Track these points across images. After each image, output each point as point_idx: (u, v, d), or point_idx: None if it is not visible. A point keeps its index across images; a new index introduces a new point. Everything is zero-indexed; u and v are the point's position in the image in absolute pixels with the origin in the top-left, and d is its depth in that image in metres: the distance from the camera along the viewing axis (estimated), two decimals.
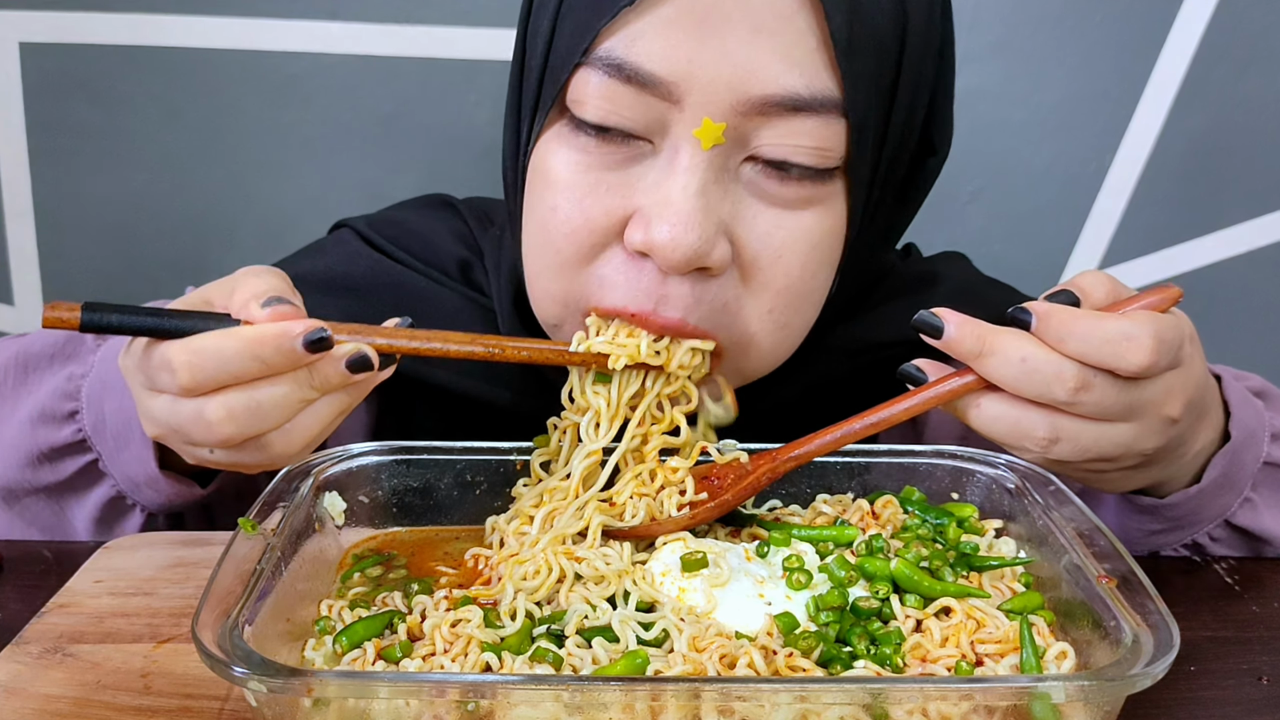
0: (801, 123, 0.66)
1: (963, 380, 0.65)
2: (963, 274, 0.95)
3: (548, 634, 0.59)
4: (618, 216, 0.70)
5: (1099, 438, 0.64)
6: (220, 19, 1.31)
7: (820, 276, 0.73)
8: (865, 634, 0.59)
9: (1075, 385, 0.62)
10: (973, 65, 1.33)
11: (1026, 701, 0.51)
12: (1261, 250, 1.42)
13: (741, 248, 0.70)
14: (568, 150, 0.71)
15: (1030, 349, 0.62)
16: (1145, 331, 0.61)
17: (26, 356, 0.82)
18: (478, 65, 1.33)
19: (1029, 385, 0.63)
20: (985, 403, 0.65)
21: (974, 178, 1.40)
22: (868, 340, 0.85)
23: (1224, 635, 0.71)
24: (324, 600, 0.65)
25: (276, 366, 0.61)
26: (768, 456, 0.70)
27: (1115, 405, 0.63)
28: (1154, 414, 0.65)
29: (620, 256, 0.70)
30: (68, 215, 1.38)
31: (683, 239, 0.66)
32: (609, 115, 0.68)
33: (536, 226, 0.73)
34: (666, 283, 0.69)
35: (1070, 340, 0.62)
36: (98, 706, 0.60)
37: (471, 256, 0.92)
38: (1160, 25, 1.33)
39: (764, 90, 0.65)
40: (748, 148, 0.68)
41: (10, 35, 1.31)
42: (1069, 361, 0.62)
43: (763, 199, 0.69)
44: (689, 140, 0.67)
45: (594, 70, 0.67)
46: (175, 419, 0.62)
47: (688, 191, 0.66)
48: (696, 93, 0.65)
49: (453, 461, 0.74)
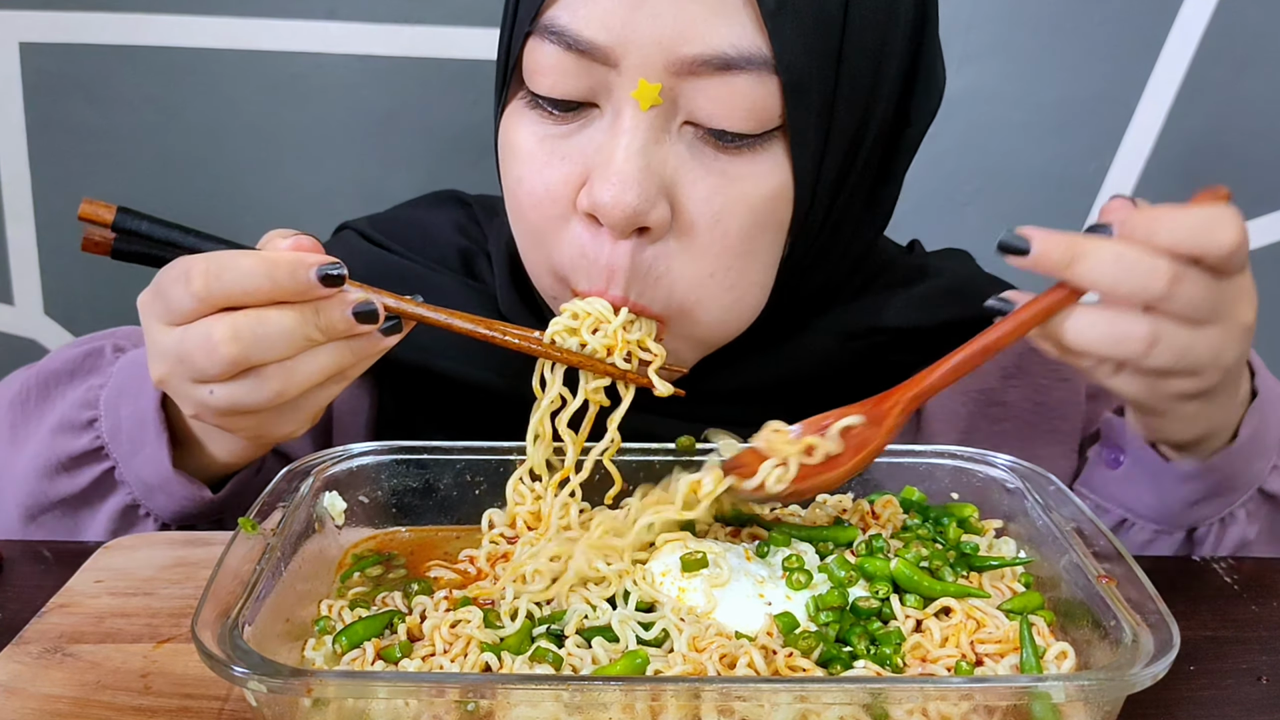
0: (734, 80, 0.68)
1: (1055, 297, 0.64)
2: (964, 269, 0.96)
3: (548, 634, 0.59)
4: (574, 184, 0.72)
5: (1193, 340, 0.63)
6: (220, 19, 1.31)
7: (764, 239, 0.74)
8: (865, 634, 0.59)
9: (1171, 276, 0.61)
10: (972, 65, 1.33)
11: (1026, 701, 0.51)
12: (1261, 250, 1.42)
13: (680, 211, 0.71)
14: (527, 123, 0.74)
15: (1122, 248, 0.61)
16: (1228, 213, 0.62)
17: (46, 375, 0.84)
18: (478, 65, 1.33)
19: (1127, 281, 0.61)
20: (1076, 315, 0.64)
21: (973, 178, 1.40)
22: (863, 325, 0.85)
23: (1223, 635, 0.71)
24: (324, 600, 0.65)
25: (287, 291, 0.63)
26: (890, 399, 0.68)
27: (1205, 300, 0.62)
28: (1234, 318, 0.64)
29: (580, 227, 0.73)
30: (68, 215, 1.37)
31: (622, 197, 0.68)
32: (556, 84, 0.70)
33: (510, 200, 0.77)
34: (614, 252, 0.71)
35: (1161, 232, 0.61)
36: (98, 706, 0.60)
37: (473, 247, 0.93)
38: (1160, 25, 1.33)
39: (693, 50, 0.67)
40: (684, 110, 0.70)
41: (10, 35, 1.31)
42: (1161, 255, 0.61)
43: (702, 163, 0.71)
44: (629, 102, 0.69)
45: (542, 40, 0.70)
46: (182, 346, 0.64)
47: (629, 151, 0.69)
48: (632, 55, 0.68)
49: (453, 461, 0.74)
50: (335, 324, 0.65)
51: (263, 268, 0.63)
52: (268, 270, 0.63)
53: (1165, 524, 0.82)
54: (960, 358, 0.67)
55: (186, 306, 0.64)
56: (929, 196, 1.40)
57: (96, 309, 1.42)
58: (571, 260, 0.74)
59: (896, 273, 0.91)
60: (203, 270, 0.63)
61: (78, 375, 0.83)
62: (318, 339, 0.65)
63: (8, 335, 1.43)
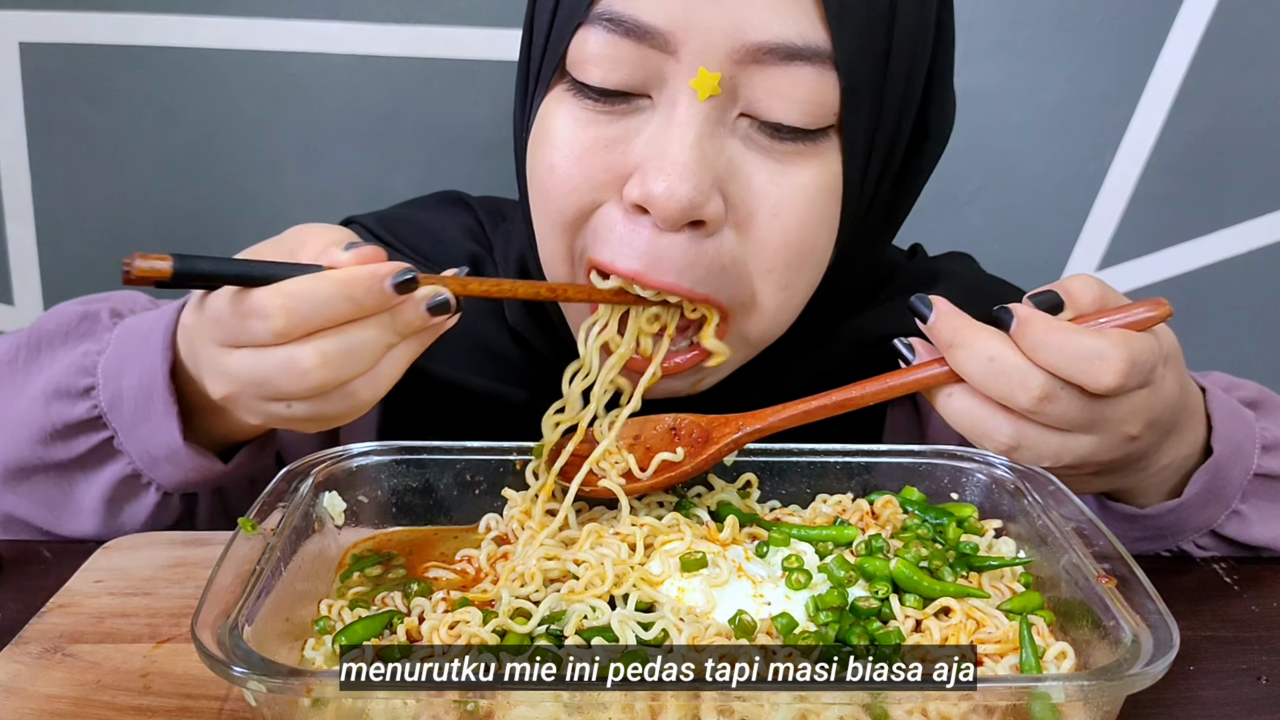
0: (796, 72, 0.67)
1: (941, 369, 0.66)
2: (968, 272, 0.96)
3: (548, 634, 0.59)
4: (617, 173, 0.70)
5: (1059, 448, 0.65)
6: (220, 19, 1.31)
7: (820, 236, 0.73)
8: (865, 634, 0.59)
9: (1040, 395, 0.62)
10: (973, 65, 1.33)
11: (1026, 701, 0.51)
12: (1261, 250, 1.42)
13: (737, 204, 0.70)
14: (568, 110, 0.72)
15: (1001, 350, 0.63)
16: (1119, 354, 0.62)
17: (39, 335, 0.82)
18: (478, 65, 1.33)
19: (993, 385, 0.64)
20: (957, 394, 0.66)
21: (974, 178, 1.40)
22: (872, 334, 0.85)
23: (1223, 635, 0.71)
24: (323, 600, 0.65)
25: (368, 308, 0.62)
26: (733, 424, 0.71)
27: (1078, 419, 0.64)
28: (1114, 431, 0.65)
29: (615, 213, 0.71)
30: (68, 215, 1.38)
31: (678, 190, 0.67)
32: (609, 74, 0.69)
33: (538, 189, 0.74)
34: (660, 242, 0.69)
35: (1043, 350, 0.62)
36: (97, 706, 0.60)
37: (482, 251, 0.93)
38: (1160, 25, 1.33)
39: (758, 37, 0.66)
40: (743, 101, 0.69)
41: (10, 35, 1.31)
42: (1037, 370, 0.62)
43: (759, 155, 0.70)
44: (686, 92, 0.68)
45: (594, 28, 0.68)
46: (261, 370, 0.63)
47: (684, 143, 0.67)
48: (693, 42, 0.66)
49: (452, 461, 0.74)
50: (411, 323, 0.64)
51: (342, 290, 0.61)
52: (347, 293, 0.61)
53: None
54: (815, 405, 0.70)
55: (265, 340, 0.62)
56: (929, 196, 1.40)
57: None
58: (596, 233, 0.72)
59: (905, 279, 0.91)
60: (281, 306, 0.61)
61: (71, 338, 0.81)
62: (395, 341, 0.64)
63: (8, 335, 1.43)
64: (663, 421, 0.73)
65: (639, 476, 0.70)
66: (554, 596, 0.61)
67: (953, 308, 0.66)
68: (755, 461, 0.74)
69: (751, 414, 0.71)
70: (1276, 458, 0.79)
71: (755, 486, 0.74)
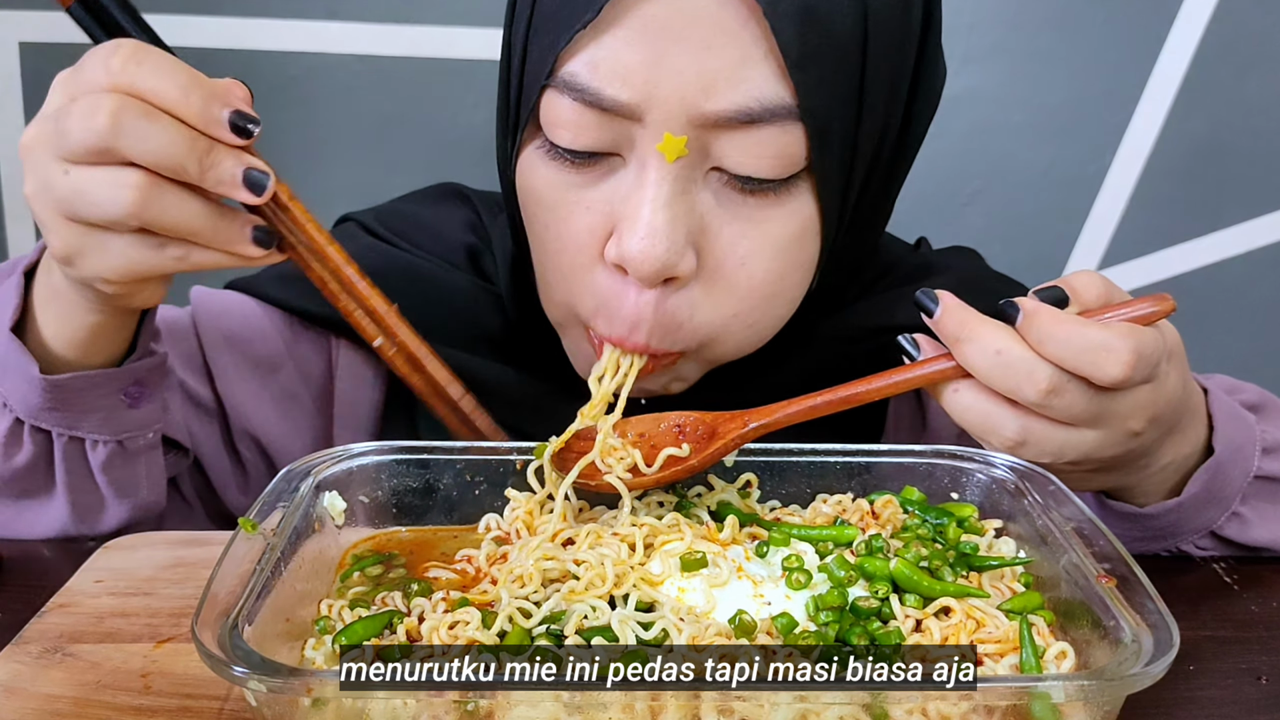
0: (759, 133, 0.67)
1: (947, 364, 0.66)
2: (968, 266, 0.96)
3: (547, 634, 0.59)
4: (599, 234, 0.72)
5: (1064, 443, 0.65)
6: (220, 19, 1.31)
7: (790, 278, 0.74)
8: (865, 634, 0.59)
9: (1047, 388, 0.62)
10: (973, 66, 1.33)
11: (1026, 701, 0.51)
12: (1261, 250, 1.42)
13: (706, 256, 0.72)
14: (546, 170, 0.73)
15: (1008, 343, 0.63)
16: (1126, 345, 0.62)
17: None
18: (477, 65, 1.33)
19: (1000, 379, 0.64)
20: (963, 389, 0.66)
21: (973, 178, 1.40)
22: (868, 326, 0.86)
23: (1223, 635, 0.71)
24: (324, 600, 0.65)
25: (193, 111, 0.61)
26: (739, 420, 0.71)
27: (1084, 412, 0.64)
28: (1118, 425, 0.65)
29: (605, 275, 0.73)
30: None
31: (651, 251, 0.68)
32: (577, 139, 0.69)
33: (535, 241, 0.77)
34: (639, 301, 0.71)
35: (1050, 342, 0.62)
36: (98, 706, 0.60)
37: (479, 244, 0.93)
38: (1160, 26, 1.33)
39: (716, 106, 0.66)
40: (712, 157, 0.69)
41: (10, 35, 1.31)
42: (1044, 363, 0.62)
43: (729, 208, 0.71)
44: (654, 154, 0.68)
45: (560, 94, 0.69)
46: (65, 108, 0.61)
47: (656, 204, 0.68)
48: (656, 110, 0.67)
49: (453, 461, 0.74)
50: (221, 168, 0.62)
51: (181, 77, 0.60)
52: (186, 82, 0.60)
53: None
54: (821, 401, 0.69)
55: (95, 80, 0.61)
56: (930, 197, 1.40)
57: None
58: (594, 308, 0.74)
59: (902, 272, 0.91)
60: (129, 50, 0.60)
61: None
62: (192, 174, 0.62)
63: None
64: (667, 420, 0.73)
65: (645, 471, 0.70)
66: (555, 597, 0.61)
67: (959, 302, 0.66)
68: (755, 461, 0.74)
69: (757, 410, 0.71)
70: (1277, 460, 0.79)
71: (755, 486, 0.74)
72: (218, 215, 0.64)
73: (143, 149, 0.60)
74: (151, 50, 0.62)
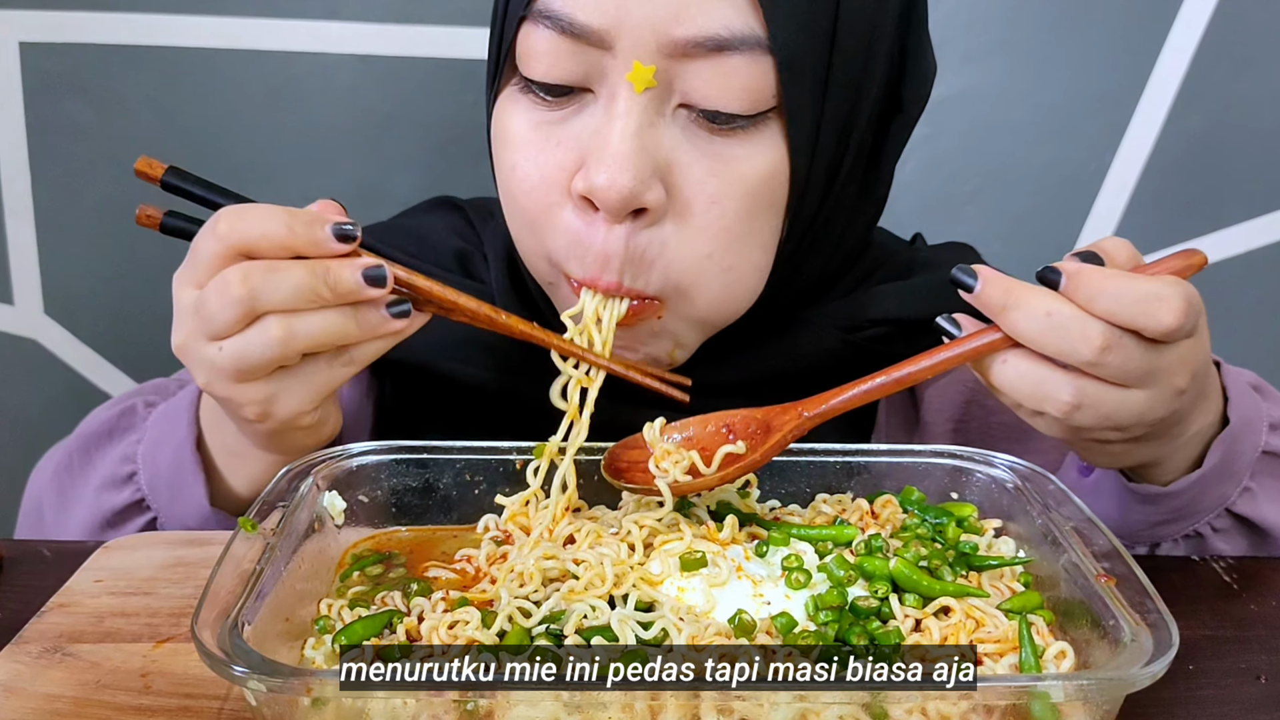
0: (727, 62, 0.68)
1: (991, 337, 0.65)
2: (964, 260, 0.96)
3: (547, 634, 0.59)
4: (569, 169, 0.72)
5: (1119, 404, 0.64)
6: (219, 19, 1.31)
7: (761, 220, 0.74)
8: (865, 634, 0.59)
9: (1101, 344, 0.61)
10: (972, 65, 1.33)
11: (1026, 701, 0.51)
12: (1261, 250, 1.42)
13: (676, 194, 0.72)
14: (520, 109, 0.74)
15: (1057, 305, 0.62)
16: (1176, 292, 0.61)
17: (86, 439, 0.85)
18: (477, 65, 1.32)
19: (1053, 341, 0.62)
20: (1011, 360, 0.64)
21: (973, 178, 1.40)
22: (860, 318, 0.86)
23: (1223, 634, 0.71)
24: (323, 600, 0.65)
25: (302, 241, 0.65)
26: (792, 412, 0.70)
27: (1137, 369, 0.62)
28: (1166, 383, 0.64)
29: (573, 214, 0.73)
30: (67, 215, 1.38)
31: (617, 180, 0.69)
32: (550, 70, 0.71)
33: (503, 188, 0.77)
34: (608, 238, 0.71)
35: (1101, 298, 0.61)
36: (98, 706, 0.60)
37: (469, 248, 0.94)
38: (1160, 25, 1.33)
39: (685, 32, 0.68)
40: (679, 92, 0.70)
41: (10, 35, 1.31)
42: (1096, 320, 0.61)
43: (697, 145, 0.72)
44: (624, 85, 0.69)
45: (536, 25, 0.70)
46: (201, 297, 0.65)
47: (624, 134, 0.69)
48: (626, 37, 0.68)
49: (452, 461, 0.74)
50: (344, 281, 0.65)
51: (281, 216, 0.65)
52: (285, 219, 0.64)
53: (1127, 538, 0.81)
54: (873, 385, 0.68)
55: (211, 251, 0.65)
56: (929, 196, 1.40)
57: (96, 309, 1.42)
58: (565, 248, 0.74)
59: (894, 265, 0.92)
60: (228, 214, 0.65)
61: (115, 434, 0.84)
62: (326, 296, 0.65)
63: (8, 335, 1.43)
64: (713, 421, 0.72)
65: (704, 472, 0.69)
66: (555, 597, 0.61)
67: (998, 273, 0.65)
68: None
69: (808, 400, 0.70)
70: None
71: (755, 486, 0.74)
72: (353, 312, 0.67)
73: (280, 298, 0.64)
74: (244, 206, 0.67)
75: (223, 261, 0.65)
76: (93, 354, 1.44)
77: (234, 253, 0.65)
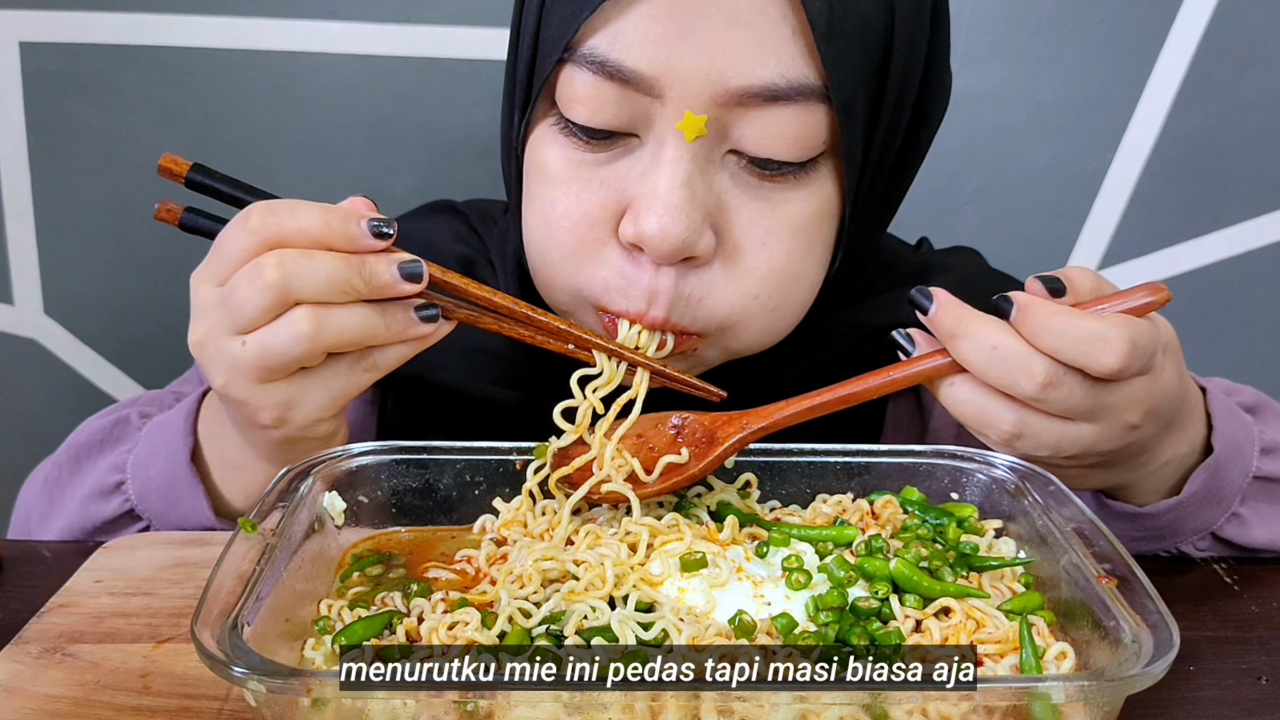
0: (780, 112, 0.67)
1: (942, 360, 0.66)
2: (969, 265, 0.96)
3: (547, 634, 0.59)
4: (612, 210, 0.71)
5: (1061, 437, 0.65)
6: (219, 19, 1.31)
7: (810, 259, 0.74)
8: (865, 634, 0.59)
9: (1043, 380, 0.62)
10: (972, 66, 1.33)
11: (1026, 701, 0.51)
12: (1261, 250, 1.42)
13: (726, 236, 0.71)
14: (559, 147, 0.72)
15: (1003, 338, 0.63)
16: (1120, 335, 0.62)
17: (76, 449, 0.85)
18: (477, 65, 1.33)
19: (996, 373, 0.64)
20: (959, 383, 0.66)
21: (973, 178, 1.40)
22: (872, 325, 0.85)
23: (1223, 635, 0.71)
24: (323, 600, 0.65)
25: (338, 235, 0.64)
26: (737, 423, 0.71)
27: (1081, 405, 0.64)
28: (1115, 418, 0.65)
29: (617, 253, 0.72)
30: (67, 215, 1.38)
31: (670, 229, 0.67)
32: (595, 114, 0.69)
33: (538, 219, 0.75)
34: (656, 278, 0.70)
35: (1045, 334, 0.62)
36: (97, 706, 0.60)
37: (473, 254, 0.93)
38: (1160, 25, 1.33)
39: (740, 82, 0.66)
40: (731, 139, 0.69)
41: (10, 35, 1.31)
42: (1040, 356, 0.62)
43: (747, 189, 0.71)
44: (673, 133, 0.68)
45: (579, 68, 0.68)
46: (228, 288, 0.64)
47: (673, 183, 0.68)
48: (677, 86, 0.66)
49: (452, 461, 0.74)
50: (379, 275, 0.65)
51: (316, 211, 0.64)
52: (321, 214, 0.64)
53: None
54: (818, 401, 0.69)
55: (241, 245, 0.64)
56: (929, 196, 1.40)
57: (96, 309, 1.42)
58: (605, 282, 0.73)
59: (903, 270, 0.91)
60: (261, 209, 0.64)
61: (108, 444, 0.84)
62: (360, 289, 0.64)
63: (8, 335, 1.43)
64: (667, 420, 0.73)
65: (645, 480, 0.70)
66: (555, 597, 0.61)
67: (953, 298, 0.66)
68: (755, 461, 0.74)
69: (754, 411, 0.71)
70: (1275, 460, 0.79)
71: (755, 486, 0.74)
72: (381, 312, 0.66)
73: (313, 285, 0.63)
74: (276, 201, 0.66)
75: (254, 256, 0.64)
76: (93, 354, 1.44)
77: (266, 247, 0.64)
